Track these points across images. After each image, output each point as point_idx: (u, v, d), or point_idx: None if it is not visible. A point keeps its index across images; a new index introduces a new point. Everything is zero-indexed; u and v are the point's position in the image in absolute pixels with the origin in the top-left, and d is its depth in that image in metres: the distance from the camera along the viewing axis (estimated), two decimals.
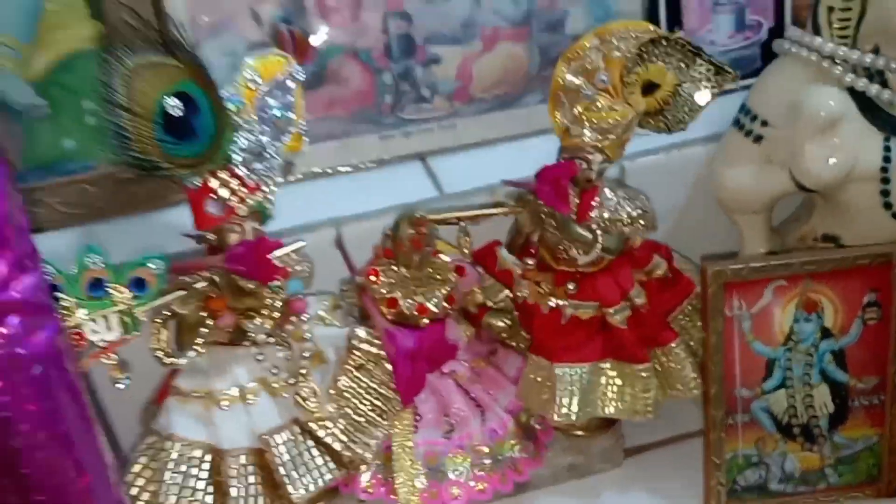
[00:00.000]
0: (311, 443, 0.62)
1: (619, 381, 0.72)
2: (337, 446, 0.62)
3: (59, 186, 0.73)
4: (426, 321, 0.67)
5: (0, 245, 0.36)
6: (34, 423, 0.36)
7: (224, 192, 0.59)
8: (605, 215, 0.68)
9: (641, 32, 0.66)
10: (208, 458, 0.61)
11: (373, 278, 0.67)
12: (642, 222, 0.69)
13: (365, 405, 0.64)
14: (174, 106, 0.56)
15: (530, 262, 0.70)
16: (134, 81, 0.54)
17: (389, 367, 0.64)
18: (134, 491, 0.60)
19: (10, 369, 0.35)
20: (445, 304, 0.68)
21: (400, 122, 0.81)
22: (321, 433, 0.62)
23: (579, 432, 0.77)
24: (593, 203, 0.68)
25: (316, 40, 0.63)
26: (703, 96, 0.67)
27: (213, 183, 0.59)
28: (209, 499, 0.60)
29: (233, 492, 0.60)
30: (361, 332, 0.64)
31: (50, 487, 0.38)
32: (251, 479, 0.60)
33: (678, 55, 0.66)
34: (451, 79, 0.81)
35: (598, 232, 0.68)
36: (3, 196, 0.36)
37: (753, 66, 0.87)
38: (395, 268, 0.68)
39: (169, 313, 0.59)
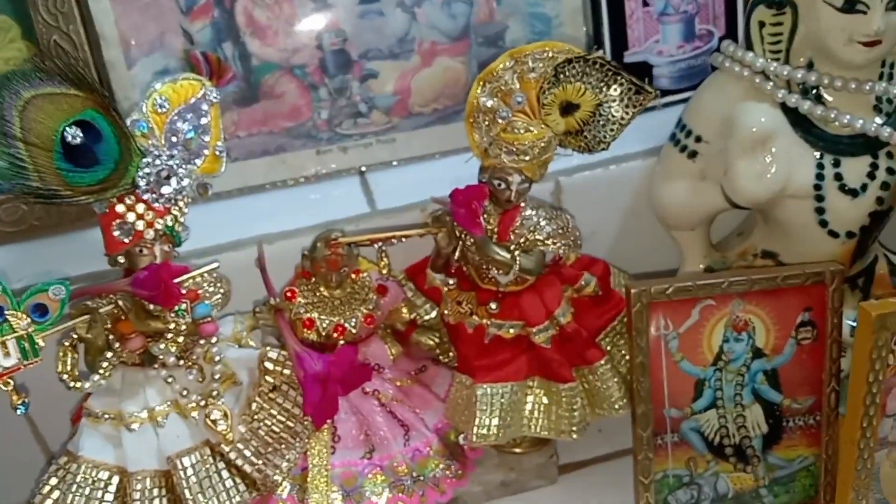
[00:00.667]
0: (221, 465, 0.63)
1: (545, 400, 0.72)
2: (247, 468, 0.62)
3: None
4: (343, 342, 0.67)
5: None
6: None
7: (130, 217, 0.60)
8: (525, 234, 0.68)
9: (558, 52, 0.65)
10: (115, 480, 0.61)
11: (290, 298, 0.67)
12: (563, 241, 0.68)
13: (278, 427, 0.64)
14: (73, 135, 0.56)
15: (451, 281, 0.70)
16: (29, 112, 0.55)
17: None
18: None
19: None
20: (364, 325, 0.68)
21: (337, 138, 0.81)
22: (232, 455, 0.62)
23: (516, 449, 0.77)
24: (514, 223, 0.68)
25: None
26: (623, 116, 0.66)
27: (120, 208, 0.60)
28: None
29: None
30: (273, 353, 0.64)
31: None
32: (156, 502, 0.61)
33: (597, 74, 0.65)
34: (388, 93, 0.80)
35: (517, 252, 0.67)
36: None
37: (704, 76, 0.86)
38: (315, 289, 0.68)
39: (75, 336, 0.60)
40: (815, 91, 0.70)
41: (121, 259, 0.62)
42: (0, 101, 0.54)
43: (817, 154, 0.70)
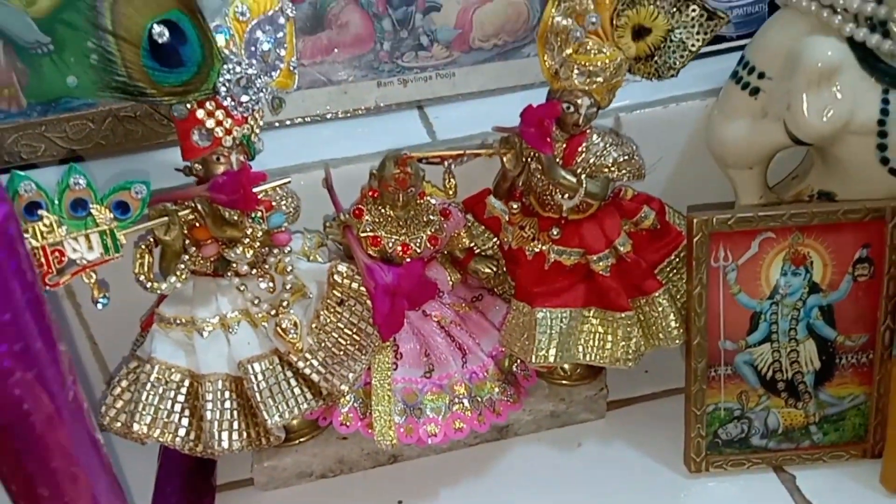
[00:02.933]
0: (289, 373, 0.64)
1: (601, 329, 0.72)
2: (315, 378, 0.63)
3: (60, 122, 0.75)
4: (408, 260, 0.68)
5: None
6: None
7: (210, 123, 0.60)
8: (591, 160, 0.68)
9: None
10: (187, 383, 0.62)
11: (358, 216, 0.68)
12: (628, 168, 0.69)
13: (345, 340, 0.65)
14: (160, 33, 0.57)
15: (515, 206, 0.71)
16: (120, 6, 0.55)
17: (371, 303, 0.65)
18: (112, 413, 0.62)
19: None
20: (429, 245, 0.69)
21: (398, 70, 0.81)
22: (300, 364, 0.63)
23: (563, 381, 0.78)
24: (580, 148, 0.68)
25: None
26: (693, 42, 0.66)
27: (200, 113, 0.60)
28: (185, 421, 0.62)
29: (207, 415, 0.61)
30: (343, 267, 0.65)
31: None
32: (227, 404, 0.62)
33: None
34: (450, 27, 0.81)
35: (583, 176, 0.68)
36: None
37: (762, 24, 0.86)
38: (381, 208, 0.69)
39: (152, 239, 0.61)
40: (883, 25, 0.70)
41: (197, 167, 0.63)
42: None
43: (882, 89, 0.70)
